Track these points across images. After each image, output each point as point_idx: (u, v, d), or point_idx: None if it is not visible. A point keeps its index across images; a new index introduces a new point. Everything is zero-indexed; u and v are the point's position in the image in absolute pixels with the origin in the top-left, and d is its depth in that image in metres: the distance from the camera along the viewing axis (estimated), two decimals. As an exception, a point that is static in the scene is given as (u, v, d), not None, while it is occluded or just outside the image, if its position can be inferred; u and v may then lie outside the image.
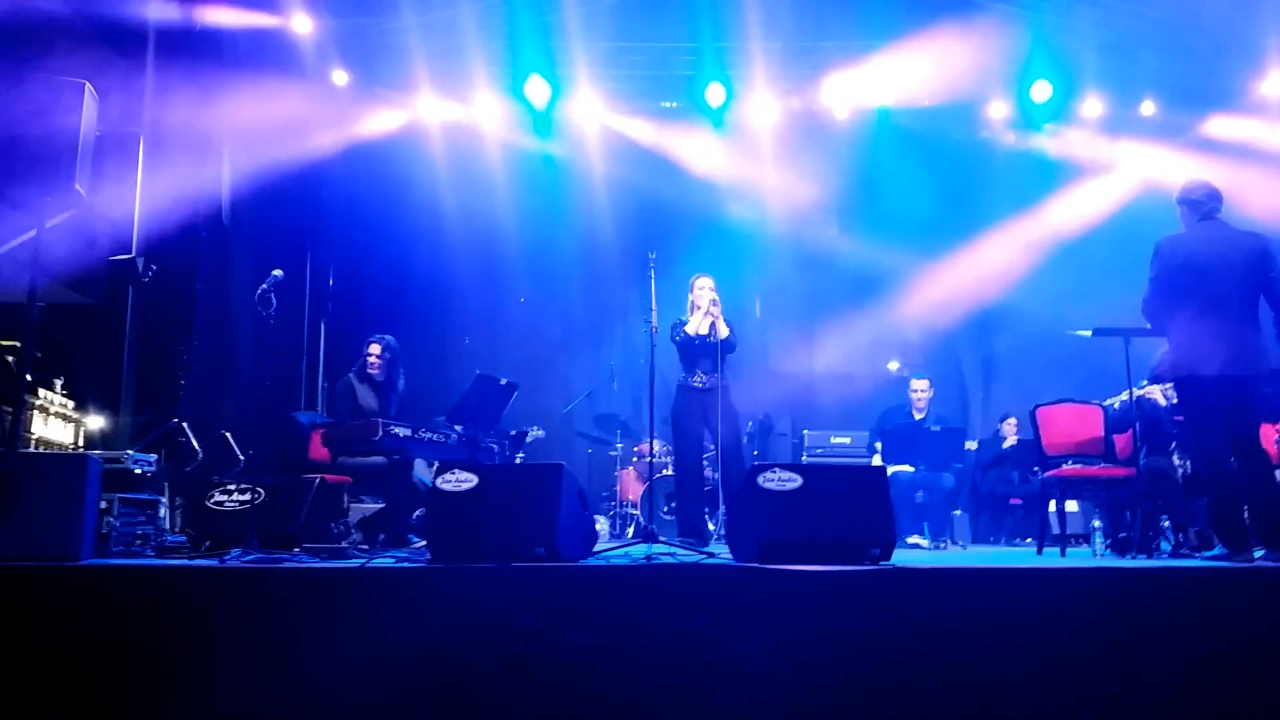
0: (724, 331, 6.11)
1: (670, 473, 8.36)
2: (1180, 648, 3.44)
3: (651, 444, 5.88)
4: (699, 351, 6.18)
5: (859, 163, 9.60)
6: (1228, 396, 4.66)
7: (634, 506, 8.49)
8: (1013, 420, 8.91)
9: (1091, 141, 9.60)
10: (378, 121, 9.43)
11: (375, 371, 6.26)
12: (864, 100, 9.36)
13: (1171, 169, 9.02)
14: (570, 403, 9.30)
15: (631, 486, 8.65)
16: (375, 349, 6.29)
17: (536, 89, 9.13)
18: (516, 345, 9.91)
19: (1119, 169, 9.61)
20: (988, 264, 9.71)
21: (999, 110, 9.48)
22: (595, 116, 9.62)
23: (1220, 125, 9.28)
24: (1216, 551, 4.67)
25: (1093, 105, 9.35)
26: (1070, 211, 9.71)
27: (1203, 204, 4.88)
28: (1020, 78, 9.07)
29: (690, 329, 6.19)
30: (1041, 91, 9.07)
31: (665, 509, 8.17)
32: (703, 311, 6.18)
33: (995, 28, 8.55)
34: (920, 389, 7.83)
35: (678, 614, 3.47)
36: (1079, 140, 9.60)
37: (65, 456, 5.00)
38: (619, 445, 8.83)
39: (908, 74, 9.00)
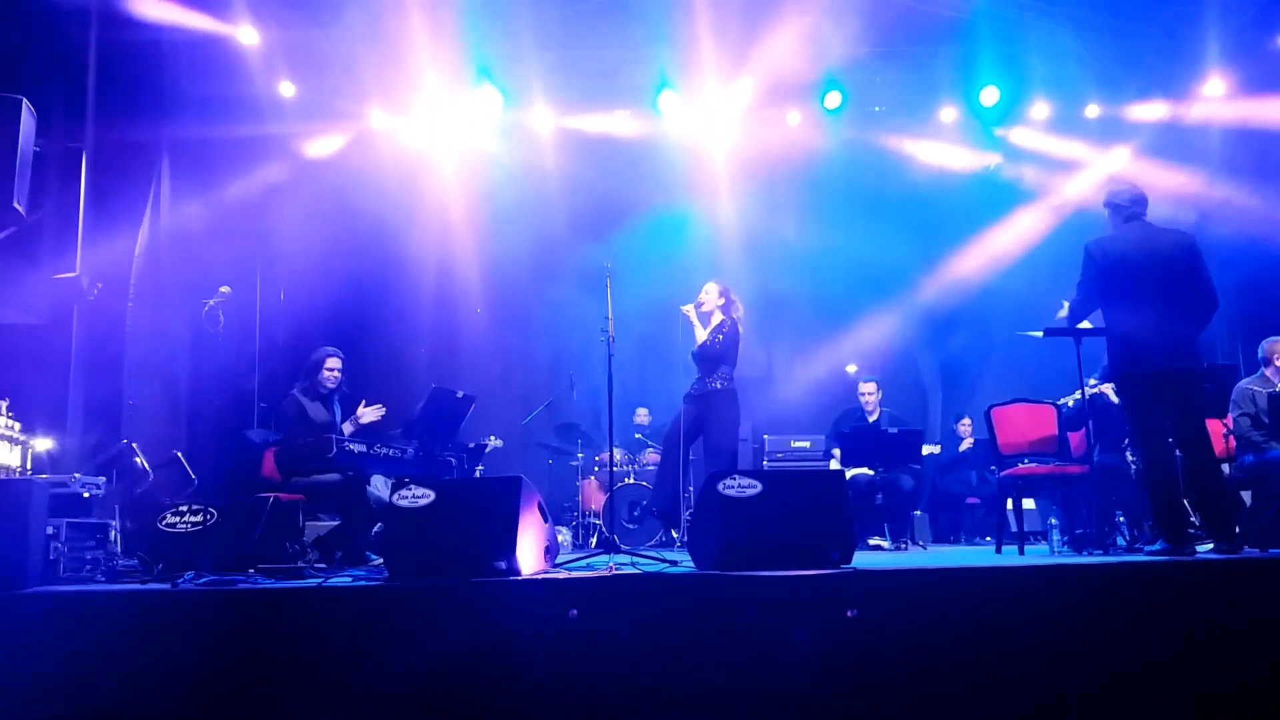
0: (700, 337, 6.49)
1: (632, 481, 8.36)
2: (1137, 639, 3.50)
3: (611, 453, 5.87)
4: (694, 359, 6.58)
5: (813, 166, 9.64)
6: (1168, 390, 4.76)
7: (596, 516, 8.46)
8: (967, 421, 9.02)
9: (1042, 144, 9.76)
10: (327, 133, 9.31)
11: (333, 386, 6.11)
12: (816, 105, 9.40)
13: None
14: (529, 413, 9.24)
15: (593, 496, 8.61)
16: (336, 363, 6.12)
17: (487, 98, 9.07)
18: (474, 357, 9.81)
19: (1070, 179, 9.78)
20: (943, 271, 9.86)
21: (949, 115, 9.59)
22: (548, 125, 9.57)
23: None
24: (1158, 546, 4.73)
25: (1040, 109, 9.49)
26: (1019, 226, 9.88)
27: (1126, 207, 5.03)
28: (969, 83, 9.19)
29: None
30: (990, 96, 9.19)
31: (627, 518, 8.15)
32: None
33: (946, 34, 8.68)
34: (868, 392, 7.90)
35: (641, 623, 3.46)
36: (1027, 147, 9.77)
37: (10, 482, 4.85)
38: (580, 455, 8.79)
39: (860, 79, 9.11)
